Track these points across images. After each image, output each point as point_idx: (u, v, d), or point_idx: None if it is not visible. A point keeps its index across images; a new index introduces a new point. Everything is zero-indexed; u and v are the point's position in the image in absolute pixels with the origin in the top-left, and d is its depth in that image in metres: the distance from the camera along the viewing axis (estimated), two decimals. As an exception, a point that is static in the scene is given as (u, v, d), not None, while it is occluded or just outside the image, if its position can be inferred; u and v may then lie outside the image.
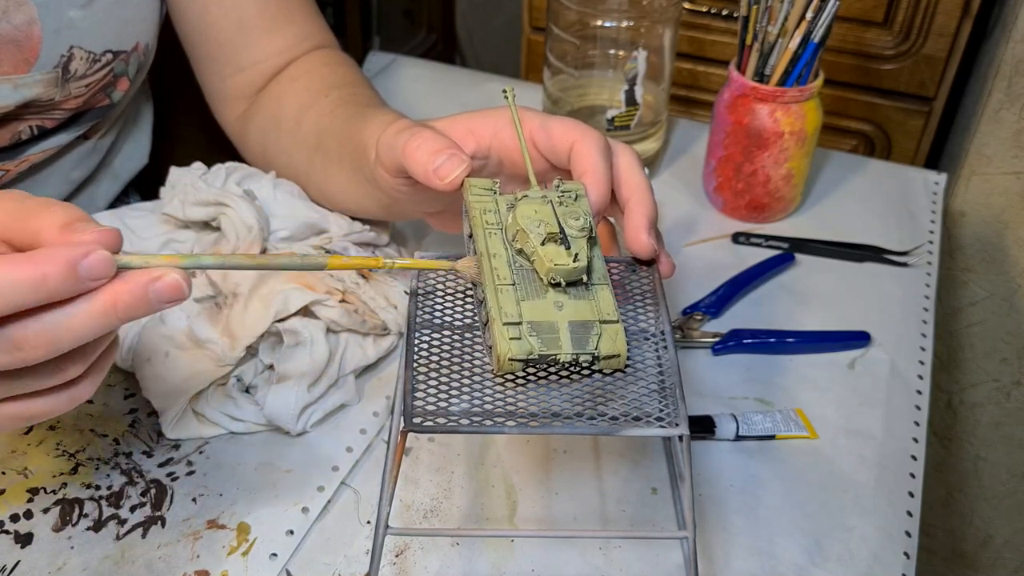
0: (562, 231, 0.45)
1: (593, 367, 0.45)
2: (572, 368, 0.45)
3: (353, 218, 0.71)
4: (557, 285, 0.45)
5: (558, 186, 0.49)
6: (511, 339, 0.43)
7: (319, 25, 0.78)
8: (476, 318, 0.48)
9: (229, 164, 0.72)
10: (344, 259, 0.44)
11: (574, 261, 0.44)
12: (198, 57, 0.76)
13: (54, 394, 0.42)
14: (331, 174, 0.68)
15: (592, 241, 0.47)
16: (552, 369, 0.45)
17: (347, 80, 0.74)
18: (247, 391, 0.62)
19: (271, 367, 0.62)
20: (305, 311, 0.63)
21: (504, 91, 0.53)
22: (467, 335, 0.47)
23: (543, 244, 0.45)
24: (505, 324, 0.43)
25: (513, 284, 0.45)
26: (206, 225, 0.68)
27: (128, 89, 0.73)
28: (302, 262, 0.44)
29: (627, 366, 0.45)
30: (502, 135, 0.55)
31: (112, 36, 0.68)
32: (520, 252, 0.46)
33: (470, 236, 0.49)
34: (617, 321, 0.45)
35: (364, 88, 0.74)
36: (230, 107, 0.77)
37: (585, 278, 0.46)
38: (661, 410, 0.43)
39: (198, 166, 0.71)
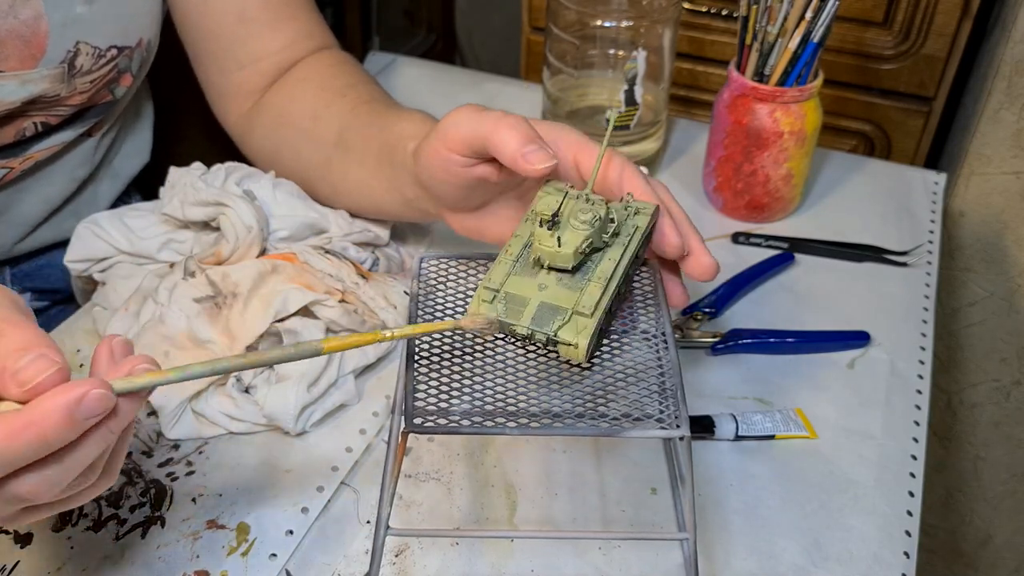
0: (554, 216, 0.47)
1: (549, 348, 0.46)
2: (530, 344, 0.47)
3: (353, 215, 0.71)
4: (550, 268, 0.47)
5: (627, 202, 0.51)
6: (483, 301, 0.46)
7: (320, 24, 0.78)
8: None
9: (229, 164, 0.72)
10: (341, 339, 0.42)
11: (557, 246, 0.46)
12: (199, 54, 0.76)
13: (74, 498, 0.42)
14: (351, 170, 0.68)
15: (628, 253, 0.48)
16: (514, 341, 0.47)
17: (360, 80, 0.74)
18: (247, 391, 0.62)
19: (271, 367, 0.62)
20: (305, 311, 0.63)
21: (607, 115, 0.54)
22: (467, 336, 0.47)
23: (540, 226, 0.47)
24: (485, 287, 0.46)
25: (516, 260, 0.48)
26: (206, 225, 0.68)
27: (131, 85, 0.73)
28: (297, 351, 0.41)
29: (629, 367, 0.45)
30: (573, 156, 0.56)
31: (117, 31, 0.68)
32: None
33: None
34: (590, 316, 0.45)
35: (378, 88, 0.74)
36: (232, 105, 0.77)
37: (571, 268, 0.47)
38: (662, 411, 0.43)
39: (197, 166, 0.71)
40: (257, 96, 0.75)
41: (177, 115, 0.94)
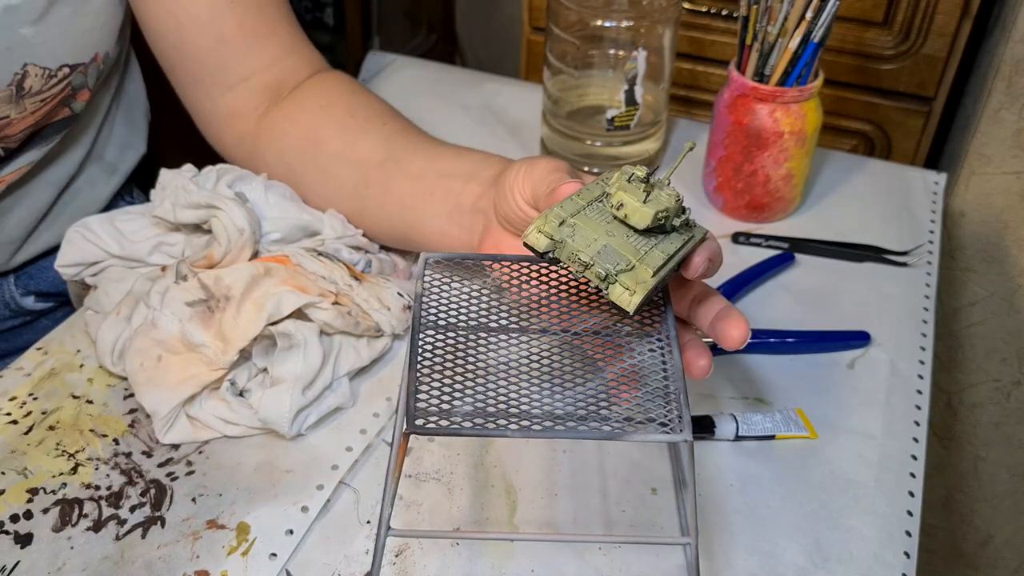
0: (648, 176, 0.46)
1: (602, 289, 0.45)
2: (580, 282, 0.46)
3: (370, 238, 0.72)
4: (622, 222, 0.47)
5: (688, 217, 0.50)
6: (548, 220, 0.46)
7: (302, 39, 0.76)
8: (480, 319, 0.48)
9: (220, 166, 0.71)
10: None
11: (643, 201, 0.46)
12: (183, 82, 0.74)
13: None
14: (398, 184, 0.68)
15: (684, 250, 0.48)
16: (561, 276, 0.47)
17: (387, 109, 0.74)
18: (241, 395, 0.62)
19: (265, 370, 0.62)
20: (298, 314, 0.62)
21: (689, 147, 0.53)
22: (471, 336, 0.47)
23: (628, 181, 0.47)
24: (555, 211, 0.46)
25: (583, 208, 0.47)
26: (197, 228, 0.68)
27: (90, 98, 0.72)
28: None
29: (632, 370, 0.45)
30: None
31: (68, 50, 0.67)
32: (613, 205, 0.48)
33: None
34: (651, 275, 0.45)
35: (404, 118, 0.75)
36: (227, 129, 0.75)
37: (642, 228, 0.46)
38: (665, 415, 0.43)
39: (188, 168, 0.71)
40: (253, 115, 0.74)
41: (178, 112, 0.94)
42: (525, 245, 0.47)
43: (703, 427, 0.62)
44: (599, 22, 0.80)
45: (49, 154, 0.74)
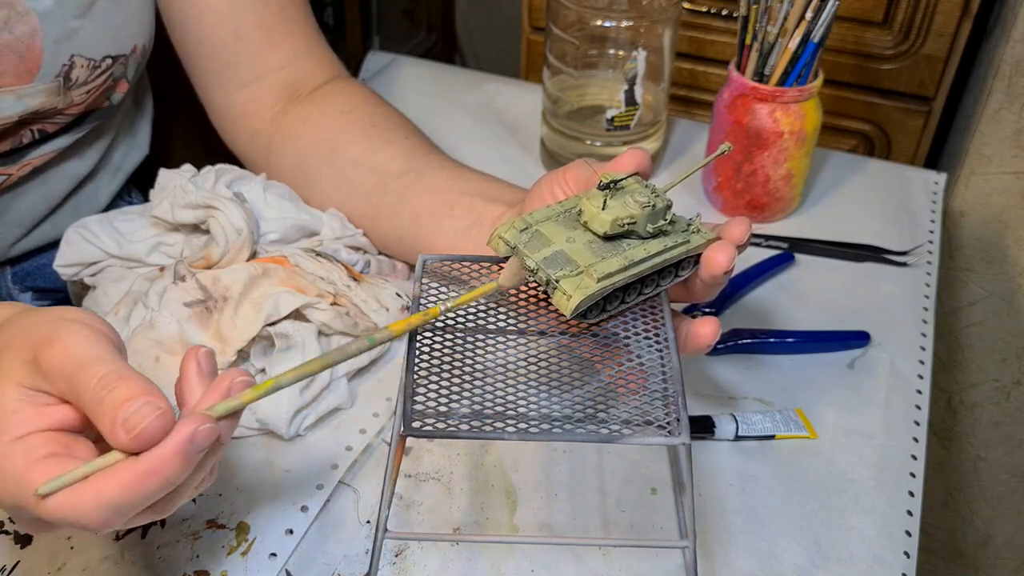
0: (615, 183, 0.48)
1: (548, 290, 0.47)
2: (533, 281, 0.48)
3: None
4: (586, 227, 0.48)
5: (692, 219, 0.51)
6: (513, 227, 0.48)
7: (320, 42, 0.77)
8: (478, 321, 0.48)
9: (219, 166, 0.71)
10: (403, 322, 0.45)
11: (601, 208, 0.47)
12: (199, 73, 0.75)
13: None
14: (416, 196, 0.68)
15: (665, 255, 0.48)
16: (527, 278, 0.49)
17: (409, 125, 0.75)
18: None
19: (263, 371, 0.62)
20: (296, 314, 0.62)
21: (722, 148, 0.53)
22: (469, 338, 0.47)
23: (599, 187, 0.48)
24: (522, 218, 0.49)
25: (563, 212, 0.50)
26: (196, 228, 0.68)
27: (127, 91, 0.73)
28: (372, 340, 0.44)
29: (631, 372, 0.45)
30: None
31: (111, 41, 0.68)
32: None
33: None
34: (596, 281, 0.45)
35: (425, 136, 0.75)
36: (240, 125, 0.75)
37: (603, 234, 0.47)
38: (664, 417, 0.43)
39: (187, 168, 0.71)
40: (267, 114, 0.74)
41: (181, 112, 0.94)
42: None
43: (703, 427, 0.62)
44: (599, 22, 0.80)
45: (75, 144, 0.74)
